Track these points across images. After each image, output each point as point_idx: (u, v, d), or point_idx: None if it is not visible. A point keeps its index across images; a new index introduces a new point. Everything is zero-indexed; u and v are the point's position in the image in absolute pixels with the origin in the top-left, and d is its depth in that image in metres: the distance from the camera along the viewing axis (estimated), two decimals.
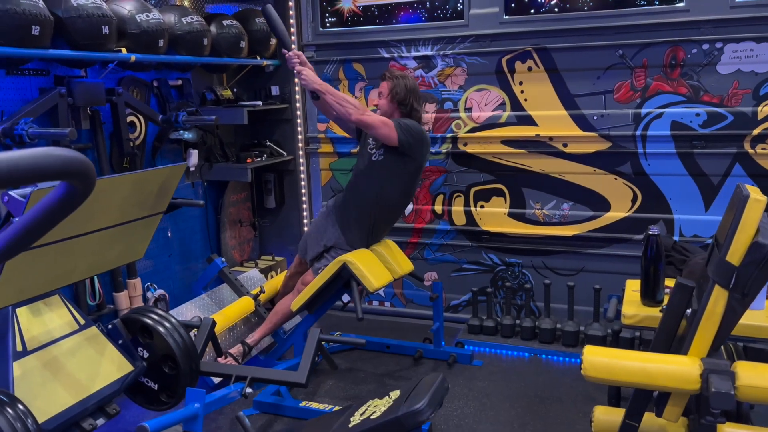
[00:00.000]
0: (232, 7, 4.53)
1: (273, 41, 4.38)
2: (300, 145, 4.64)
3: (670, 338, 1.99)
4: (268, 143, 4.61)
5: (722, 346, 2.29)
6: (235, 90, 4.45)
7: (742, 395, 1.72)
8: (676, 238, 3.80)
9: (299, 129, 4.62)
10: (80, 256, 2.39)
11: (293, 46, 3.50)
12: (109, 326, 2.74)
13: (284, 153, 4.62)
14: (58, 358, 2.45)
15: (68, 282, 2.46)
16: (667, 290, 2.46)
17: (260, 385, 3.16)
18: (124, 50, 3.23)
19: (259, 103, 4.35)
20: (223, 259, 3.84)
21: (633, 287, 2.58)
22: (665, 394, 1.92)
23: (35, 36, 2.70)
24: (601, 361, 1.86)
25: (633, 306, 2.38)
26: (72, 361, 2.49)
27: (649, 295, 2.36)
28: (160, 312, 2.81)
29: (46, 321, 2.47)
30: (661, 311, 2.34)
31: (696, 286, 1.97)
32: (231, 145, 4.51)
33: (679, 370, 1.80)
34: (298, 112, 4.60)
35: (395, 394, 2.06)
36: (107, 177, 2.22)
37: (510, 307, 4.12)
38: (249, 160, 4.26)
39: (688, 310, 1.93)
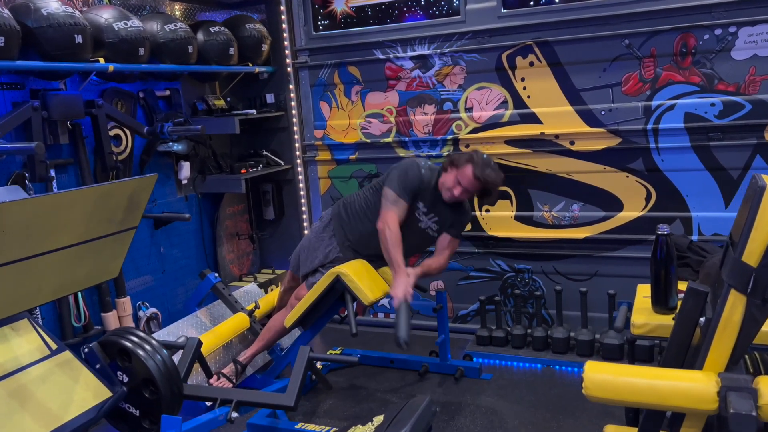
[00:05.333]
0: (224, 14, 4.40)
1: (265, 47, 4.23)
2: (297, 153, 4.48)
3: (683, 350, 1.76)
4: (265, 153, 4.46)
5: (747, 357, 2.07)
6: (228, 99, 4.31)
7: (766, 415, 1.50)
8: (694, 237, 3.55)
9: (296, 137, 4.46)
10: (44, 276, 2.24)
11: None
12: (86, 350, 2.59)
13: (281, 162, 4.47)
14: (26, 387, 2.30)
15: (33, 304, 2.31)
16: (681, 295, 2.23)
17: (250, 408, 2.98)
18: (101, 60, 3.11)
19: (253, 111, 4.21)
20: (216, 275, 3.68)
21: (644, 293, 2.36)
22: (680, 414, 1.70)
23: (0, 47, 2.58)
24: (604, 378, 1.65)
25: (643, 314, 2.16)
26: (42, 389, 2.33)
27: (661, 302, 2.14)
28: (140, 334, 2.65)
29: (13, 347, 2.32)
30: (674, 319, 2.12)
31: (711, 291, 1.74)
32: (226, 156, 4.37)
33: (693, 387, 1.58)
34: (294, 120, 4.44)
35: (378, 419, 1.87)
36: (65, 191, 2.07)
37: (520, 316, 3.89)
38: (243, 171, 4.12)
39: (702, 319, 1.71)
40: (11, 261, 2.00)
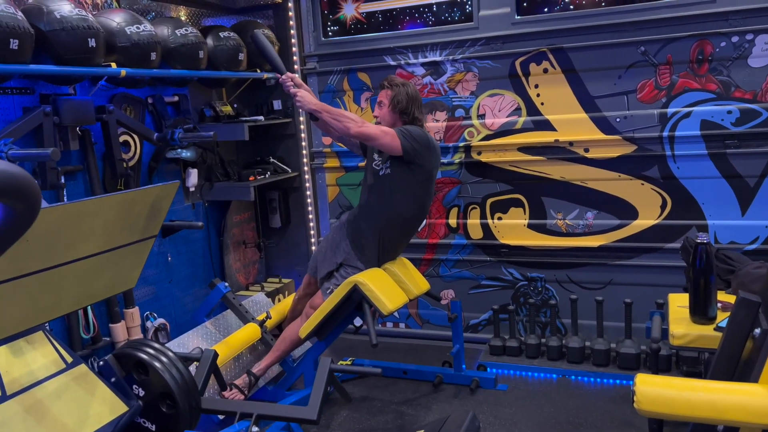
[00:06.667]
0: (231, 19, 4.34)
1: None
2: (305, 160, 4.42)
3: (733, 362, 1.72)
4: (272, 160, 4.39)
5: None
6: (235, 105, 4.24)
7: None
8: None
9: (303, 144, 4.40)
10: (64, 288, 2.16)
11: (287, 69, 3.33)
12: (101, 363, 2.51)
13: (288, 169, 4.40)
14: (42, 402, 2.21)
15: (52, 317, 2.23)
16: (719, 305, 2.20)
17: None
18: (113, 65, 3.03)
19: (261, 118, 4.14)
20: (227, 284, 3.60)
21: (678, 302, 2.32)
22: (733, 429, 1.65)
23: (14, 50, 2.50)
24: (658, 393, 1.60)
25: (682, 324, 2.12)
26: (58, 404, 2.25)
27: (700, 312, 2.10)
28: (155, 345, 2.58)
29: (28, 361, 2.23)
30: (715, 329, 2.09)
31: (762, 301, 1.70)
32: (233, 163, 4.30)
33: (751, 401, 1.54)
34: (302, 127, 4.38)
35: None
36: (89, 199, 2.00)
37: (534, 326, 3.85)
38: (251, 178, 4.05)
39: (757, 330, 1.66)
40: (33, 271, 1.92)
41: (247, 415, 2.55)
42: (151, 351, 2.54)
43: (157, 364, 2.49)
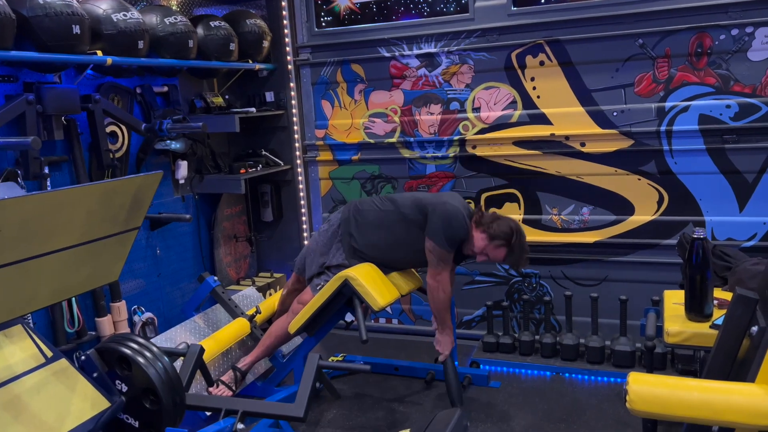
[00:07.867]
0: (222, 9, 4.27)
1: (265, 44, 4.10)
2: (297, 153, 4.35)
3: (729, 361, 1.67)
4: (264, 152, 4.33)
5: None
6: (227, 97, 4.18)
7: None
8: None
9: (296, 137, 4.34)
10: (42, 280, 2.10)
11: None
12: (83, 358, 2.45)
13: (281, 162, 4.34)
14: (20, 397, 2.15)
15: (29, 310, 2.17)
16: (715, 302, 2.15)
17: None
18: (99, 53, 2.96)
19: (253, 109, 4.08)
20: (216, 278, 3.54)
21: (673, 299, 2.26)
22: (728, 430, 1.60)
23: None
24: (651, 392, 1.55)
25: (677, 322, 2.06)
26: (37, 399, 2.18)
27: (696, 309, 2.05)
28: (139, 340, 2.51)
29: (6, 355, 2.17)
30: (711, 327, 2.03)
31: (760, 298, 1.65)
32: (224, 156, 4.24)
33: (747, 402, 1.49)
34: (295, 119, 4.31)
35: None
36: (68, 188, 1.94)
37: (528, 322, 3.79)
38: (242, 171, 3.99)
39: (754, 328, 1.61)
40: (8, 263, 1.86)
41: (233, 411, 2.49)
42: (134, 346, 2.47)
43: (141, 359, 2.42)
